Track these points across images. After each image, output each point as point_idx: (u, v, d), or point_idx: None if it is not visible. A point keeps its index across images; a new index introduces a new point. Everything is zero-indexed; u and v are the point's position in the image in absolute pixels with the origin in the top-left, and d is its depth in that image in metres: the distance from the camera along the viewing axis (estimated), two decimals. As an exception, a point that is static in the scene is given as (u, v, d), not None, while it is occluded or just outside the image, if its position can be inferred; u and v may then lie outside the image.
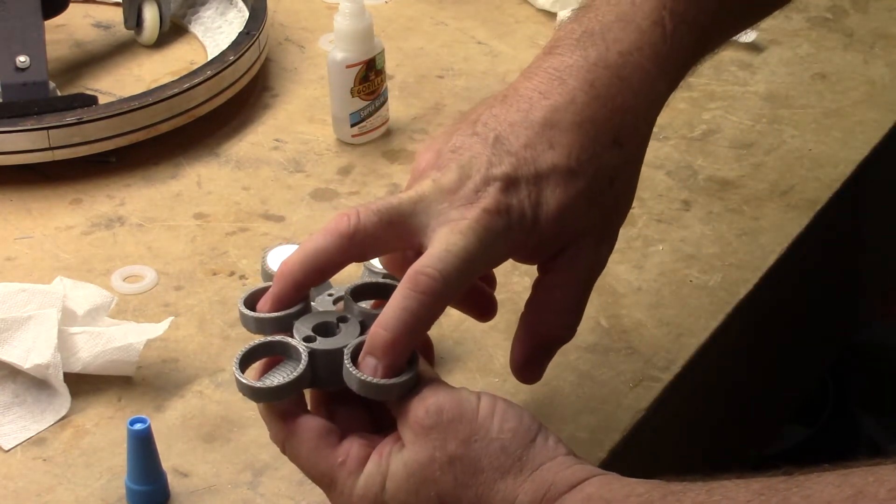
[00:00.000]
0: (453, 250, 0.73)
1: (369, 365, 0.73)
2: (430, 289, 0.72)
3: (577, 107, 0.77)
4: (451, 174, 0.75)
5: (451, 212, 0.74)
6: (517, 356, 0.81)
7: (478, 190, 0.75)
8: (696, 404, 0.97)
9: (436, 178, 0.76)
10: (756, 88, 1.19)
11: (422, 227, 0.75)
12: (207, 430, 0.86)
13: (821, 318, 1.18)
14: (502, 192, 0.75)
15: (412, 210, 0.75)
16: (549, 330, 0.80)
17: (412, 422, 0.72)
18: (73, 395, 0.88)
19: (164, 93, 1.10)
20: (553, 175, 0.76)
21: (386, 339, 0.72)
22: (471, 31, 1.26)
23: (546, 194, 0.76)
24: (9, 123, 1.06)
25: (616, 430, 0.86)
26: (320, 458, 0.74)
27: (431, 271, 0.73)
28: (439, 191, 0.75)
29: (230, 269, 0.99)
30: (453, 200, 0.75)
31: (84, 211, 1.06)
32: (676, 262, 1.00)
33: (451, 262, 0.73)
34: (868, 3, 1.31)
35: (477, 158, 0.76)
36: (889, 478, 0.64)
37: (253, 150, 1.12)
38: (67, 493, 0.82)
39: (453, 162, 0.76)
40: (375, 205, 0.75)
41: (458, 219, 0.74)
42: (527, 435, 0.72)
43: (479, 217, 0.74)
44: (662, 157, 1.10)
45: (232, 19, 1.24)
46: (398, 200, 0.75)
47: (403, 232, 0.75)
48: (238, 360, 0.75)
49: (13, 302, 0.89)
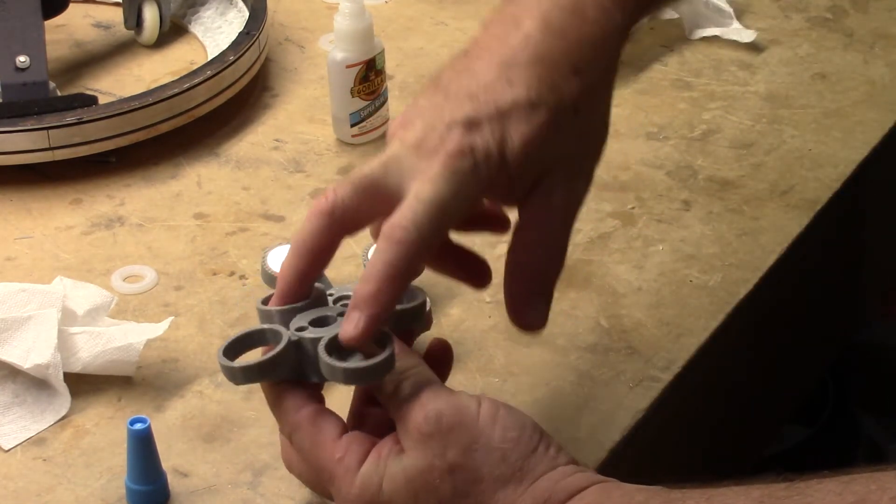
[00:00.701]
0: (423, 198, 0.73)
1: (353, 319, 0.72)
2: (404, 239, 0.73)
3: (534, 43, 0.77)
4: (415, 130, 0.76)
5: (420, 164, 0.75)
6: (512, 305, 0.79)
7: (442, 137, 0.75)
8: (696, 404, 0.97)
9: (401, 136, 0.76)
10: (756, 88, 1.19)
11: (397, 188, 0.75)
12: (207, 430, 0.86)
13: (821, 318, 1.18)
14: (464, 134, 0.75)
15: (384, 173, 0.75)
16: (536, 268, 0.79)
17: (411, 428, 0.72)
18: (73, 395, 0.88)
19: (164, 93, 1.10)
20: (514, 110, 0.76)
21: (368, 290, 0.72)
22: (471, 31, 1.25)
23: (510, 130, 0.76)
24: (9, 123, 1.06)
25: (616, 430, 0.86)
26: (321, 452, 0.75)
27: (403, 222, 0.73)
28: (406, 148, 0.76)
29: (230, 269, 0.99)
30: (421, 153, 0.75)
31: (84, 211, 1.06)
32: (676, 262, 1.00)
33: (421, 211, 0.73)
34: (868, 3, 1.31)
35: (438, 109, 0.76)
36: (891, 485, 0.64)
37: (253, 150, 1.12)
38: (67, 493, 0.82)
39: (417, 119, 0.76)
40: (346, 179, 0.76)
41: (426, 169, 0.74)
42: (528, 444, 0.72)
43: (445, 162, 0.74)
44: (662, 157, 1.10)
45: (232, 19, 1.24)
46: (369, 168, 0.76)
47: (381, 197, 0.75)
48: (222, 350, 0.76)
49: (13, 302, 0.89)
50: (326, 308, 0.78)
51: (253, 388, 0.89)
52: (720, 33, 1.24)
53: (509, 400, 0.87)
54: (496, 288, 0.97)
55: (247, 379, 0.76)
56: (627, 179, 1.08)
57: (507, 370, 0.90)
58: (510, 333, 0.93)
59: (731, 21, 1.25)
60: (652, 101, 1.17)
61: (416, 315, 0.78)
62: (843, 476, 0.66)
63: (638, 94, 1.18)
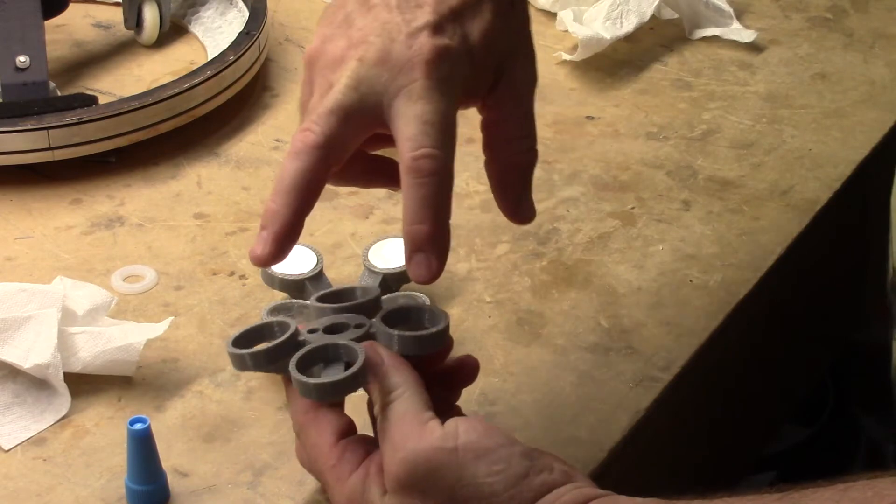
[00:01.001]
0: (430, 118, 0.73)
1: (421, 261, 0.72)
2: (435, 168, 0.72)
3: None
4: (373, 47, 0.74)
5: (396, 79, 0.74)
6: (503, 201, 0.79)
7: (410, 46, 0.74)
8: (696, 404, 0.97)
9: (359, 56, 0.74)
10: (756, 88, 1.19)
11: (376, 108, 0.74)
12: (207, 430, 0.86)
13: (821, 318, 1.18)
14: (434, 38, 0.74)
15: (357, 97, 0.74)
16: (515, 159, 0.79)
17: (388, 475, 0.71)
18: (73, 395, 0.88)
19: (164, 93, 1.10)
20: (464, 7, 0.76)
21: (425, 230, 0.72)
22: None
23: (468, 26, 0.76)
24: (9, 123, 1.06)
25: (616, 430, 0.86)
26: (319, 455, 0.75)
27: (428, 151, 0.72)
28: (371, 66, 0.74)
29: (230, 269, 0.99)
30: (391, 68, 0.74)
31: (84, 211, 1.06)
32: (676, 262, 1.00)
33: (435, 133, 0.72)
34: (868, 3, 1.31)
35: (389, 22, 0.75)
36: (889, 491, 0.63)
37: (253, 150, 1.12)
38: (67, 493, 0.82)
39: (368, 35, 0.75)
40: (321, 110, 0.74)
41: (407, 83, 0.73)
42: (517, 472, 0.70)
43: (425, 71, 0.73)
44: (662, 157, 1.11)
45: (232, 19, 1.24)
46: (338, 96, 0.74)
47: (362, 121, 0.74)
48: (231, 340, 0.76)
49: (13, 302, 0.89)
50: (351, 316, 0.78)
51: (253, 388, 0.89)
52: (720, 33, 1.25)
53: (509, 400, 0.88)
54: (496, 288, 0.97)
55: (256, 366, 0.76)
56: (627, 179, 1.08)
57: (507, 370, 0.90)
58: (510, 333, 0.93)
59: (731, 21, 1.25)
60: (652, 101, 1.17)
61: (438, 340, 0.78)
62: (838, 484, 0.65)
63: (638, 94, 1.18)
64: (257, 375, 0.89)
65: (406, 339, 0.76)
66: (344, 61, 0.75)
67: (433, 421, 0.71)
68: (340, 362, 0.75)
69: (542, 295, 0.97)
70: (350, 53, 0.75)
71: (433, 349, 0.78)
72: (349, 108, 0.74)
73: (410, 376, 0.74)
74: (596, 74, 1.20)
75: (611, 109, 1.16)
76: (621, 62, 1.22)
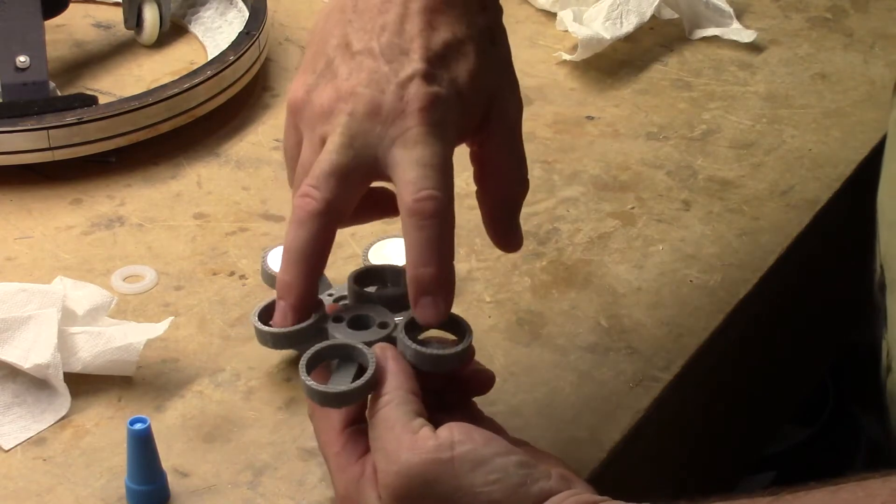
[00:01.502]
0: (429, 161, 0.73)
1: (428, 304, 0.73)
2: (437, 209, 0.72)
3: None
4: (362, 99, 0.74)
5: (390, 130, 0.74)
6: (494, 231, 0.80)
7: (401, 97, 0.74)
8: (696, 404, 0.97)
9: (350, 110, 0.74)
10: (756, 88, 1.19)
11: (372, 161, 0.74)
12: (207, 430, 0.86)
13: (821, 317, 1.18)
14: (424, 87, 0.74)
15: (353, 153, 0.74)
16: (507, 192, 0.79)
17: (383, 486, 0.71)
18: (73, 395, 0.88)
19: (164, 93, 1.10)
20: (449, 51, 0.76)
21: (431, 273, 0.72)
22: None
23: (454, 70, 0.76)
24: (9, 123, 1.06)
25: (616, 430, 0.86)
26: (327, 441, 0.75)
27: (429, 193, 0.72)
28: (362, 120, 0.74)
29: (230, 269, 1.00)
30: (384, 120, 0.74)
31: (84, 211, 1.06)
32: (676, 262, 1.00)
33: (435, 175, 0.72)
34: (868, 3, 1.31)
35: (377, 72, 0.75)
36: (879, 491, 0.63)
37: (253, 150, 1.12)
38: (67, 493, 0.82)
39: (356, 87, 0.75)
40: (319, 173, 0.74)
41: (402, 132, 0.73)
42: (513, 480, 0.70)
43: (421, 118, 0.73)
44: (662, 157, 1.11)
45: (232, 19, 1.24)
46: (334, 156, 0.73)
47: (360, 178, 0.74)
48: (257, 313, 0.77)
49: (13, 302, 0.89)
50: (380, 310, 0.78)
51: (253, 388, 0.89)
52: (720, 33, 1.25)
53: (509, 400, 0.88)
54: (496, 288, 0.97)
55: (276, 345, 0.77)
56: (627, 179, 1.08)
57: (507, 370, 0.90)
58: (510, 333, 0.93)
59: (731, 21, 1.25)
60: (652, 101, 1.17)
61: (456, 359, 0.76)
62: (830, 486, 0.65)
63: (638, 94, 1.18)
64: (258, 375, 0.89)
65: (422, 356, 0.75)
66: (333, 114, 0.75)
67: (425, 428, 0.71)
68: (354, 363, 0.75)
69: (542, 295, 0.97)
70: (339, 106, 0.74)
71: (450, 368, 0.77)
72: (347, 167, 0.74)
73: (403, 383, 0.73)
74: (596, 74, 1.20)
75: (611, 109, 1.16)
76: (621, 62, 1.22)
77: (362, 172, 0.74)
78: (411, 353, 0.75)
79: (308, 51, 0.79)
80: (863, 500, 0.63)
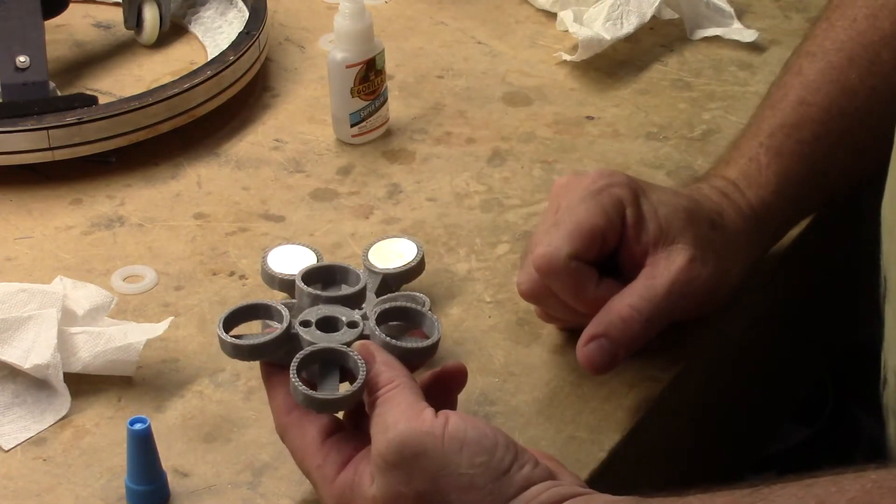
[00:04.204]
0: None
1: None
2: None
3: (687, 205, 0.90)
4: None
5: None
6: (584, 348, 0.86)
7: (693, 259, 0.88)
8: (696, 404, 0.97)
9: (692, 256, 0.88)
10: (756, 88, 1.19)
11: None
12: (207, 430, 0.86)
13: (821, 317, 1.18)
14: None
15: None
16: (617, 310, 0.85)
17: (376, 454, 0.72)
18: (73, 395, 0.88)
19: (164, 93, 1.10)
20: (691, 246, 0.88)
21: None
22: (471, 31, 1.26)
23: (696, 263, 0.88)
24: (9, 123, 1.06)
25: (616, 430, 0.86)
26: (305, 457, 0.76)
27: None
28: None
29: (230, 269, 1.00)
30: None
31: (84, 211, 1.06)
32: (676, 262, 1.00)
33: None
34: (868, 3, 1.31)
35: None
36: (850, 486, 0.65)
37: (253, 150, 1.12)
38: (67, 493, 0.82)
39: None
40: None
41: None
42: (499, 467, 0.71)
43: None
44: (662, 157, 1.10)
45: (232, 19, 1.24)
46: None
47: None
48: (223, 319, 0.79)
49: (13, 302, 0.89)
50: (342, 310, 0.80)
51: (253, 388, 0.89)
52: (721, 33, 1.24)
53: (509, 400, 0.88)
54: (496, 288, 0.97)
55: (238, 356, 0.79)
56: (627, 179, 1.08)
57: (507, 370, 0.90)
58: (510, 333, 0.93)
59: (732, 21, 1.25)
60: (652, 101, 1.17)
61: (427, 353, 0.80)
62: (805, 480, 0.67)
63: (638, 94, 1.18)
64: (258, 375, 0.89)
65: (396, 350, 0.78)
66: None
67: (428, 410, 0.73)
68: (336, 366, 0.76)
69: (542, 295, 0.97)
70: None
71: (421, 362, 0.81)
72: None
73: (403, 371, 0.76)
74: (596, 74, 1.20)
75: (611, 109, 1.16)
76: (621, 62, 1.22)
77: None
78: (390, 348, 0.78)
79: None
80: (834, 496, 0.65)
